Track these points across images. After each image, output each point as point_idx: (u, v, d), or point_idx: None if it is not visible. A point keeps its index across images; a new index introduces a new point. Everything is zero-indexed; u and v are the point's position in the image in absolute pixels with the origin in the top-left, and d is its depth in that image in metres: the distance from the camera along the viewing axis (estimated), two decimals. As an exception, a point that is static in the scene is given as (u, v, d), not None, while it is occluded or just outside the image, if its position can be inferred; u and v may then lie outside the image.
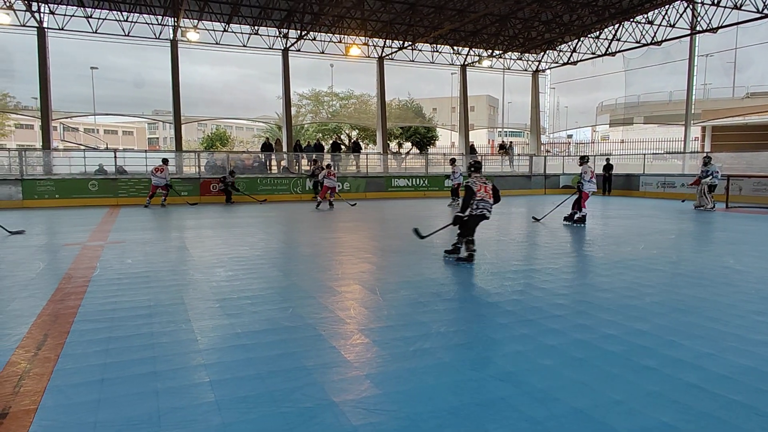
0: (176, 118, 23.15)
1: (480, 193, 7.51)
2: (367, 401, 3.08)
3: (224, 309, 4.97)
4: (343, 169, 24.21)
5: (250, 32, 23.68)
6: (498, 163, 28.16)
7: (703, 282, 6.14)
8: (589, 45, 27.16)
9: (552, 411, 2.96)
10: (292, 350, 3.90)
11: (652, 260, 7.52)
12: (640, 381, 3.37)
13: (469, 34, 26.01)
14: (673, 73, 26.13)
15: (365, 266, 7.20)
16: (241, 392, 3.17)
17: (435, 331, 4.33)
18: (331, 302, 5.26)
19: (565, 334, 4.28)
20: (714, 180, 15.52)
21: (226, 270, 6.81)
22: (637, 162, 24.49)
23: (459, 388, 3.26)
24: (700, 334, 4.25)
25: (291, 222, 13.19)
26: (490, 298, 5.46)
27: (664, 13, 22.49)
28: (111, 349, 3.89)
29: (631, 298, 5.38)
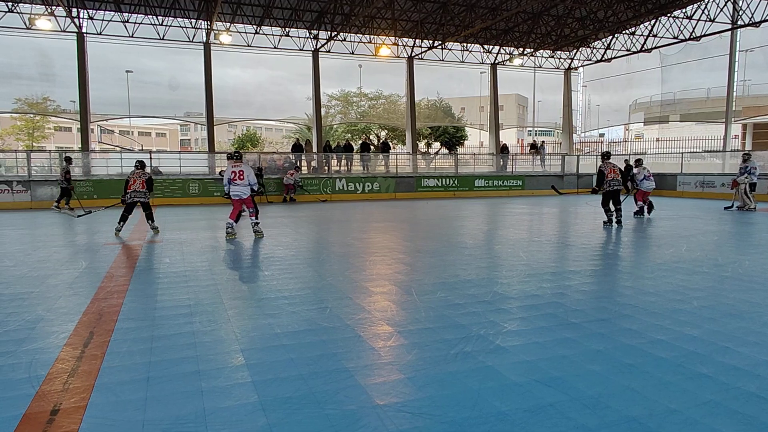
0: (209, 120, 23.52)
1: (610, 175, 11.61)
2: (411, 405, 3.03)
3: (263, 309, 4.98)
4: (373, 169, 24.23)
5: (281, 34, 23.90)
6: (529, 162, 27.79)
7: (754, 286, 5.89)
8: (623, 41, 26.54)
9: (604, 419, 2.86)
10: (333, 351, 3.87)
11: (696, 262, 7.27)
12: (696, 389, 3.23)
13: (501, 32, 25.72)
14: (712, 69, 25.35)
15: (399, 267, 7.15)
16: (285, 393, 3.16)
17: (475, 334, 4.25)
18: (368, 303, 5.23)
19: (611, 338, 4.15)
20: (752, 178, 14.98)
21: (262, 270, 6.85)
22: (674, 161, 23.82)
23: (504, 393, 3.18)
24: (757, 341, 4.07)
25: (322, 222, 13.24)
26: (529, 300, 5.34)
27: (703, 7, 21.80)
28: (155, 347, 3.93)
29: (679, 302, 5.19)
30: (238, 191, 9.63)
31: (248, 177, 9.76)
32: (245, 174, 9.71)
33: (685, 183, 21.81)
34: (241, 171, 9.68)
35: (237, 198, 9.71)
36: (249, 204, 9.91)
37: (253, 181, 9.80)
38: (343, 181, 21.54)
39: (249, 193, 9.79)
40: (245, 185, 9.69)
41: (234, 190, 9.63)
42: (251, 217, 9.99)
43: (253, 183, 9.80)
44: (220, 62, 24.98)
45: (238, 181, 9.64)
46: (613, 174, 11.62)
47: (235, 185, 9.66)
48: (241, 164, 9.84)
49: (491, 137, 29.10)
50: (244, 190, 9.70)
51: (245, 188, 9.72)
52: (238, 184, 9.64)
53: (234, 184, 9.66)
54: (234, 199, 9.77)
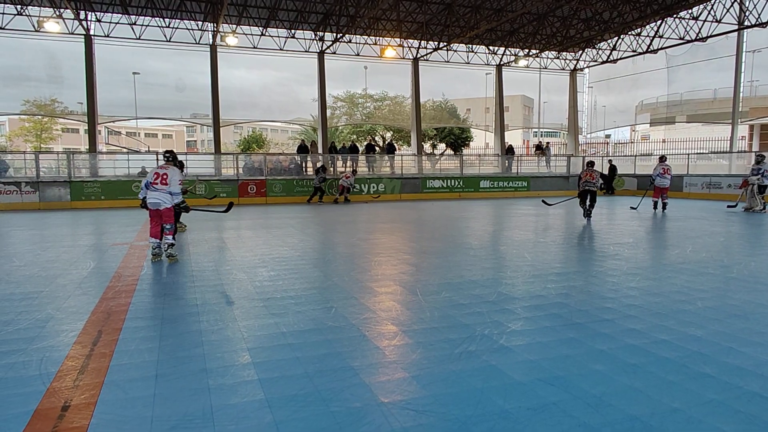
0: (215, 121, 23.64)
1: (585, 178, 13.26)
2: (416, 403, 3.06)
3: (269, 308, 5.03)
4: (378, 171, 24.27)
5: (287, 36, 24.00)
6: (534, 163, 27.76)
7: (758, 287, 5.89)
8: (629, 42, 26.46)
9: (607, 418, 2.88)
10: (338, 350, 3.91)
11: (702, 263, 7.26)
12: (699, 389, 3.25)
13: (506, 33, 25.72)
14: (719, 70, 25.25)
15: (404, 267, 7.18)
16: (291, 391, 3.20)
17: (479, 334, 4.28)
18: (373, 303, 5.27)
19: (615, 338, 4.17)
20: (763, 180, 14.93)
21: (269, 270, 6.91)
22: (680, 162, 23.70)
23: (508, 392, 3.21)
24: (761, 341, 4.08)
25: (327, 223, 13.29)
26: (534, 300, 5.36)
27: (710, 8, 21.71)
28: (163, 345, 3.98)
29: (683, 303, 5.21)
30: (155, 199, 7.50)
31: (172, 183, 7.57)
32: (169, 178, 7.56)
33: (692, 184, 21.73)
34: (165, 174, 7.57)
35: (153, 207, 7.58)
36: (168, 218, 7.67)
37: (176, 190, 7.61)
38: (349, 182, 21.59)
39: (170, 204, 7.60)
40: (165, 193, 7.53)
41: (150, 197, 7.52)
42: (167, 236, 7.70)
43: (175, 192, 7.61)
44: (226, 64, 25.09)
45: (158, 185, 7.53)
46: (587, 177, 13.30)
47: (153, 190, 7.53)
48: (169, 167, 7.71)
49: (496, 138, 29.09)
50: (164, 198, 7.54)
51: (165, 196, 7.54)
52: (157, 189, 7.52)
53: (152, 189, 7.54)
54: (150, 209, 7.64)
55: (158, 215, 7.65)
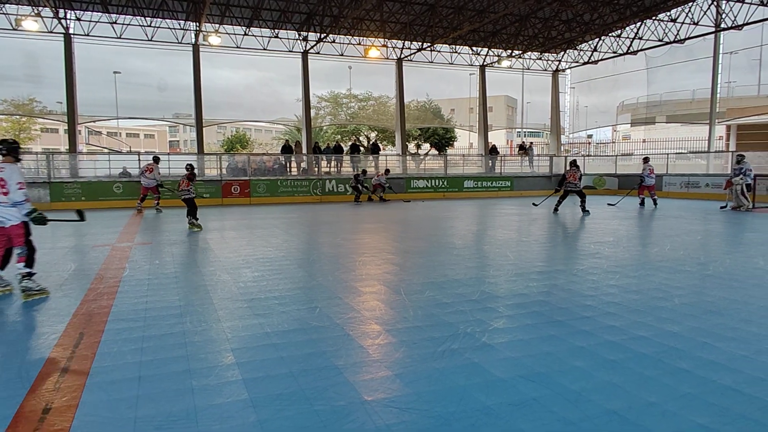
0: (198, 121, 23.46)
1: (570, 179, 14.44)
2: (399, 400, 3.10)
3: (253, 309, 5.03)
4: (363, 171, 24.28)
5: (271, 35, 23.90)
6: (518, 163, 27.98)
7: (733, 284, 6.04)
8: (610, 44, 26.83)
9: (586, 412, 2.95)
10: (322, 349, 3.93)
11: (679, 261, 7.42)
12: (675, 383, 3.34)
13: (489, 34, 25.91)
14: (697, 72, 25.68)
15: (388, 267, 7.22)
16: (275, 390, 3.22)
17: (462, 332, 4.34)
18: (357, 302, 5.29)
19: (595, 335, 4.25)
20: (747, 179, 15.27)
21: (253, 271, 6.90)
22: (659, 162, 24.07)
23: (490, 389, 3.26)
24: (734, 336, 4.19)
25: (312, 224, 13.28)
26: (516, 299, 5.44)
27: (687, 10, 22.11)
28: (146, 347, 3.97)
29: (661, 300, 5.32)
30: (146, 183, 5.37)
31: (11, 189, 5.28)
32: (7, 183, 5.28)
33: (671, 183, 22.10)
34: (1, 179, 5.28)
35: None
36: (17, 239, 5.42)
37: (19, 198, 5.31)
38: (333, 182, 21.58)
39: (17, 220, 5.36)
40: (7, 206, 5.30)
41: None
42: (19, 263, 5.43)
43: (20, 201, 5.31)
44: (209, 63, 24.92)
45: None
46: (572, 178, 14.64)
47: None
48: (5, 165, 5.33)
49: (480, 138, 29.28)
50: (6, 214, 5.31)
51: (7, 211, 5.30)
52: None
53: None
54: None
55: (3, 236, 5.43)
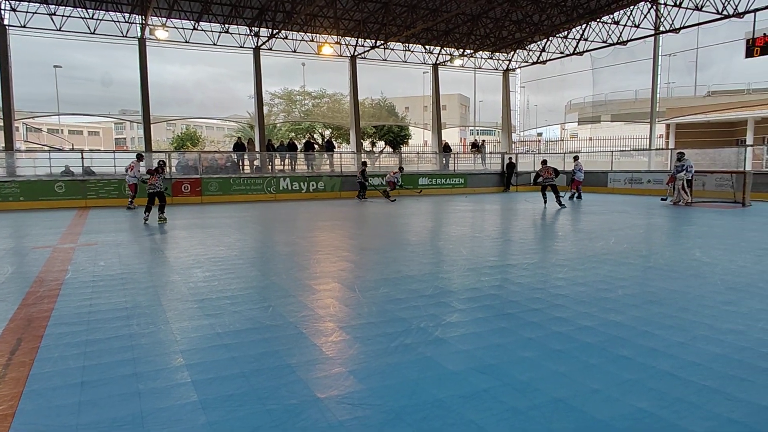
0: (145, 118, 22.69)
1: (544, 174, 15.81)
2: (352, 396, 3.11)
3: (204, 309, 4.92)
4: (317, 168, 24.13)
5: (221, 30, 23.37)
6: (470, 161, 28.44)
7: (673, 275, 6.34)
8: (557, 44, 27.63)
9: (533, 401, 3.04)
10: (275, 348, 3.89)
11: (623, 254, 7.73)
12: (617, 370, 3.48)
13: (441, 33, 26.19)
14: (639, 73, 26.76)
15: (344, 264, 7.21)
16: (226, 391, 3.16)
17: (416, 327, 4.38)
18: (311, 300, 5.26)
19: (543, 326, 4.38)
20: (688, 175, 16.08)
21: (204, 271, 6.74)
22: (605, 159, 25.06)
23: (442, 382, 3.31)
24: (672, 324, 4.40)
25: (267, 222, 13.09)
26: (469, 293, 5.54)
27: (629, 13, 23.04)
28: (89, 351, 3.82)
29: (606, 291, 5.53)
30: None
31: None
32: None
33: (616, 180, 22.99)
34: None
35: None
36: None
37: None
38: (288, 181, 21.34)
39: None
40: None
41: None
42: None
43: None
44: (157, 58, 24.19)
45: None
46: (546, 174, 15.90)
47: None
48: None
49: (434, 136, 29.59)
50: None
51: None
52: None
53: None
54: None
55: None
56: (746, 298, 5.20)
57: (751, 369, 3.46)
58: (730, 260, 7.16)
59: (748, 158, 20.28)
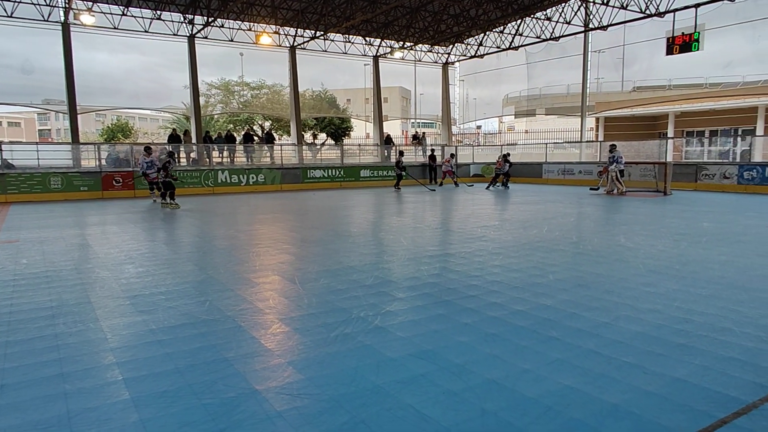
0: (71, 108, 21.44)
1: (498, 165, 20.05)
2: (290, 387, 3.11)
3: (136, 306, 4.75)
4: (257, 161, 23.68)
5: (152, 17, 22.39)
6: (412, 153, 28.72)
7: (599, 259, 6.70)
8: (494, 39, 28.31)
9: (468, 383, 3.15)
10: (212, 343, 3.82)
11: (555, 242, 8.08)
12: (546, 350, 3.66)
13: (381, 25, 26.23)
14: (570, 68, 27.85)
15: (284, 257, 7.14)
16: (160, 388, 3.08)
17: (356, 316, 4.42)
18: (250, 294, 5.19)
19: (479, 312, 4.53)
20: (620, 165, 16.97)
21: (137, 266, 6.49)
22: (540, 151, 25.98)
23: (380, 369, 3.37)
24: (598, 306, 4.66)
25: (204, 215, 12.73)
26: (408, 282, 5.63)
27: (560, 10, 23.92)
28: (10, 353, 3.61)
29: (538, 277, 5.77)
30: None
31: None
32: None
33: (549, 171, 23.90)
34: None
35: None
36: None
37: None
38: (226, 173, 20.80)
39: None
40: None
41: None
42: None
43: None
44: (83, 45, 22.87)
45: None
46: (498, 165, 19.98)
47: None
48: None
49: (375, 128, 29.66)
50: None
51: None
52: None
53: None
54: None
55: None
56: (664, 279, 5.58)
57: (667, 344, 3.73)
58: (651, 245, 7.64)
59: (669, 150, 21.62)
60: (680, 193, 16.88)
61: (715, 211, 11.89)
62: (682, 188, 18.25)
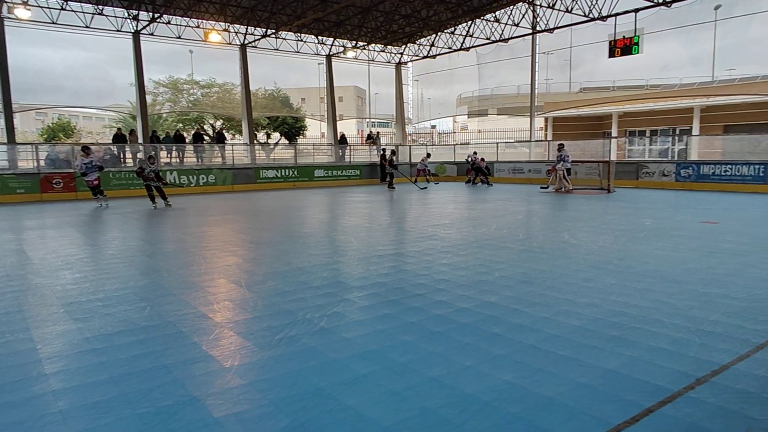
0: (6, 106, 20.35)
1: None
2: (231, 393, 3.05)
3: (71, 313, 4.56)
4: (208, 161, 23.15)
5: (94, 12, 21.52)
6: (366, 152, 28.74)
7: (543, 256, 6.89)
8: (446, 40, 28.67)
9: (410, 382, 3.18)
10: (151, 350, 3.71)
11: (502, 239, 8.25)
12: (488, 347, 3.73)
13: (333, 24, 26.11)
14: (520, 69, 28.47)
15: (232, 260, 7.01)
16: (92, 398, 2.97)
17: (301, 318, 4.39)
18: (194, 298, 5.07)
19: (424, 310, 4.58)
20: (567, 164, 17.51)
21: (74, 272, 6.23)
22: (491, 150, 26.49)
23: (323, 371, 3.35)
24: (539, 301, 4.79)
25: (150, 217, 12.33)
26: (356, 282, 5.63)
27: (509, 13, 24.45)
28: (-72, 368, 3.40)
29: (484, 274, 5.88)
30: None
31: None
32: None
33: (501, 170, 24.40)
34: None
35: None
36: None
37: None
38: (175, 174, 20.23)
39: None
40: None
41: None
42: None
43: None
44: (19, 39, 21.78)
45: None
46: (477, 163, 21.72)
47: None
48: None
49: (329, 128, 29.52)
50: None
51: None
52: None
53: None
54: None
55: None
56: (603, 274, 5.79)
57: (602, 337, 3.87)
58: (592, 241, 7.91)
59: (613, 149, 22.48)
60: (623, 191, 17.56)
61: (654, 208, 12.44)
62: (624, 186, 18.99)
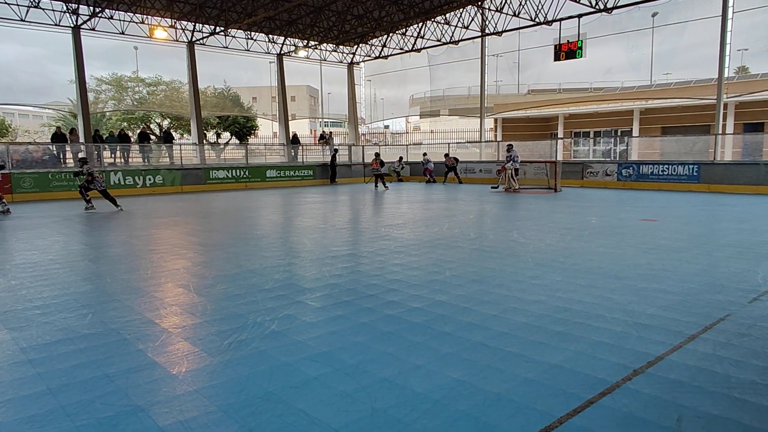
0: (-68, 103, 19.09)
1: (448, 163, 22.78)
2: (177, 400, 2.98)
3: (5, 323, 4.33)
4: (155, 161, 22.44)
5: (29, 5, 20.46)
6: (319, 153, 28.56)
7: (493, 255, 7.04)
8: (398, 41, 28.85)
9: (360, 383, 3.18)
10: (92, 359, 3.57)
11: (453, 239, 8.38)
12: (438, 345, 3.78)
13: (285, 23, 25.81)
14: (471, 71, 28.98)
15: (180, 263, 6.82)
16: (28, 412, 2.83)
17: (252, 322, 4.32)
18: (139, 304, 4.91)
19: (376, 311, 4.60)
20: (515, 164, 17.97)
21: (9, 279, 5.91)
22: (443, 151, 26.84)
23: (274, 375, 3.32)
24: (489, 300, 4.90)
25: (94, 220, 11.83)
26: (308, 284, 5.60)
27: (459, 15, 24.87)
28: None
29: (436, 274, 5.96)
30: None
31: None
32: None
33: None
34: None
35: None
36: None
37: None
38: (120, 175, 19.50)
39: None
40: None
41: None
42: None
43: None
44: (-55, 32, 20.40)
45: None
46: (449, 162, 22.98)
47: None
48: None
49: (281, 128, 29.16)
50: None
51: None
52: None
53: None
54: None
55: None
56: (549, 272, 5.98)
57: (547, 333, 4.00)
58: (540, 239, 8.15)
59: (559, 149, 23.22)
60: (569, 190, 18.17)
61: (598, 206, 12.93)
62: (570, 185, 19.65)
